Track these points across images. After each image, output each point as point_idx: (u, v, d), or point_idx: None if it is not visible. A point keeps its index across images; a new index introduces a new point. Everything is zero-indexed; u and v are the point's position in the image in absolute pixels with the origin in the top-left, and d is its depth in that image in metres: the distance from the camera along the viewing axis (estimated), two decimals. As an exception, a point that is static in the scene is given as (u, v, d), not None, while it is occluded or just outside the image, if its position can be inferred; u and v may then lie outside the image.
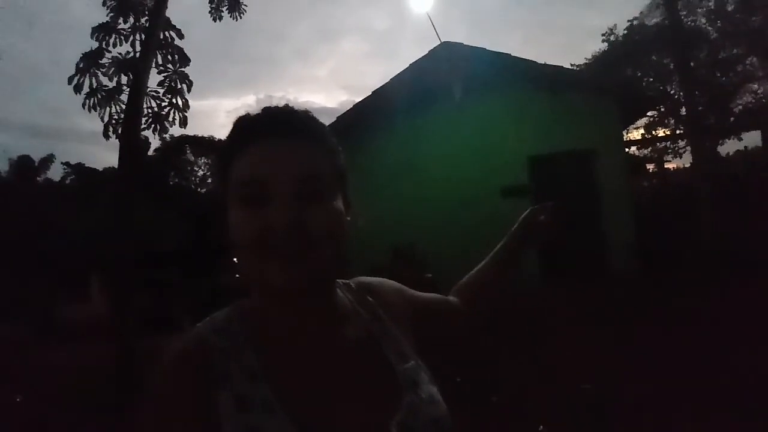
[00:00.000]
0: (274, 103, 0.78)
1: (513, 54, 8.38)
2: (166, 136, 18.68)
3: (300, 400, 0.67)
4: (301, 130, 0.74)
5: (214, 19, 7.90)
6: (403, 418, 0.70)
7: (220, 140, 24.67)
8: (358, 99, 9.18)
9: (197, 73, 7.42)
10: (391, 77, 8.70)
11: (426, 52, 8.62)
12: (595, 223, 7.93)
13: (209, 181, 25.03)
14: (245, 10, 8.09)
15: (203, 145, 24.32)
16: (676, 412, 3.21)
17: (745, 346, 4.03)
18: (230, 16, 7.98)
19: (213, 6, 7.85)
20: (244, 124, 0.75)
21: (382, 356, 0.77)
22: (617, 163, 8.24)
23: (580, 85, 8.59)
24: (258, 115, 0.76)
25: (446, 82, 8.17)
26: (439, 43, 8.52)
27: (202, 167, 25.22)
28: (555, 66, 8.63)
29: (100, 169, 21.92)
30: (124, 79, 6.26)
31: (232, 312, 0.77)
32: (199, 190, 24.54)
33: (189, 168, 25.34)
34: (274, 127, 0.73)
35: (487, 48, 8.42)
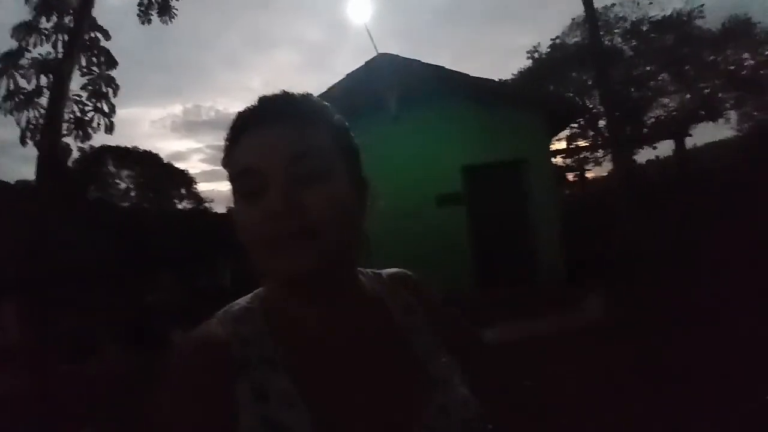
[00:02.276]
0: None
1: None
2: (85, 146, 17.86)
3: (320, 391, 0.65)
4: (293, 113, 0.70)
5: (143, 23, 7.47)
6: (431, 419, 0.67)
7: (145, 151, 23.69)
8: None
9: (120, 80, 7.06)
10: (327, 87, 8.72)
11: (359, 61, 8.73)
12: (526, 228, 8.29)
13: (133, 194, 23.97)
14: (176, 15, 7.74)
15: (126, 156, 23.16)
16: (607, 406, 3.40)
17: (665, 340, 4.34)
18: (160, 20, 7.59)
19: (142, 9, 7.46)
20: (238, 117, 0.72)
21: (412, 351, 0.74)
22: (545, 172, 8.66)
23: (511, 98, 8.97)
24: (253, 105, 0.72)
25: (382, 92, 8.30)
26: (375, 54, 8.65)
27: (125, 180, 24.04)
28: (487, 79, 8.98)
29: (12, 183, 20.52)
30: (44, 81, 5.92)
31: (253, 299, 0.75)
32: (121, 204, 23.35)
33: (110, 181, 24.05)
34: (266, 114, 0.69)
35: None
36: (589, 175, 19.59)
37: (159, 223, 16.41)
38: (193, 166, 54.39)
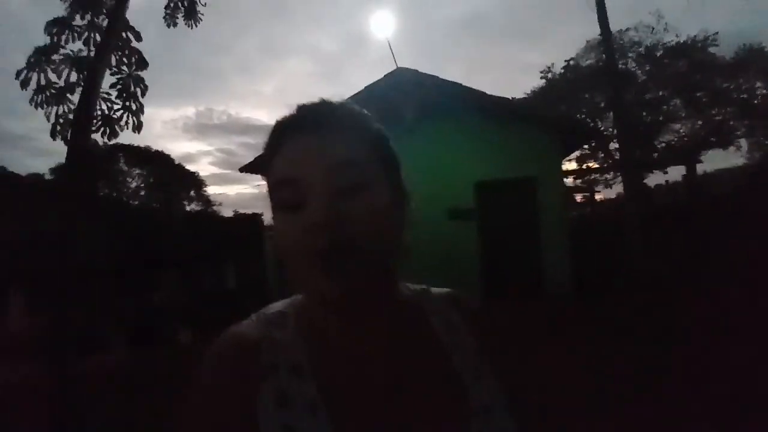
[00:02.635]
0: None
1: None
2: (100, 142, 18.07)
3: (346, 404, 0.64)
4: (334, 121, 0.67)
5: (168, 26, 7.57)
6: None
7: (156, 151, 23.95)
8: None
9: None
10: (347, 98, 8.88)
11: (371, 73, 8.94)
12: (535, 245, 8.41)
13: (142, 193, 24.20)
14: (202, 19, 7.69)
15: (138, 155, 23.39)
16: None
17: (669, 356, 4.47)
18: (186, 24, 7.64)
19: (168, 12, 7.48)
20: (277, 126, 0.70)
21: (453, 372, 0.70)
22: (556, 191, 8.79)
23: (525, 117, 9.14)
24: (291, 114, 0.70)
25: (400, 106, 8.47)
26: (393, 67, 8.85)
27: (136, 178, 24.29)
28: (502, 97, 9.17)
29: (23, 175, 20.77)
30: (74, 77, 6.10)
31: (289, 305, 0.75)
32: (131, 202, 23.56)
33: (121, 179, 24.29)
34: (306, 123, 0.67)
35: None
36: (598, 196, 19.75)
37: (168, 223, 16.58)
38: (202, 168, 54.62)
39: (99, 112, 6.21)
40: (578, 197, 20.01)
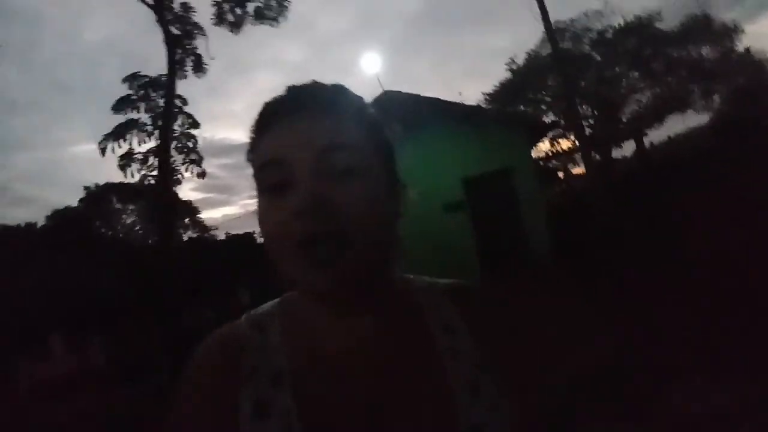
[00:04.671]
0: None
1: (429, 88, 11.09)
2: (91, 185, 19.79)
3: (323, 417, 0.63)
4: (325, 103, 0.66)
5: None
6: None
7: (148, 185, 25.19)
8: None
9: (106, 110, 8.46)
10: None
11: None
12: (517, 223, 10.73)
13: (138, 228, 25.46)
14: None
15: (128, 191, 24.59)
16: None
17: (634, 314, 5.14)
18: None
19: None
20: (264, 108, 0.69)
21: (444, 385, 0.66)
22: (529, 177, 11.15)
23: (495, 119, 11.43)
24: (280, 94, 0.69)
25: (390, 124, 10.61)
26: (382, 91, 11.09)
27: (130, 214, 25.53)
28: (474, 105, 11.46)
29: (22, 225, 22.07)
30: (136, 142, 8.22)
31: (276, 306, 0.75)
32: (127, 240, 24.60)
33: (116, 216, 25.36)
34: (296, 104, 0.66)
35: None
36: (575, 171, 22.10)
37: (172, 254, 18.17)
38: (185, 195, 55.70)
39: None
40: (560, 175, 22.40)
